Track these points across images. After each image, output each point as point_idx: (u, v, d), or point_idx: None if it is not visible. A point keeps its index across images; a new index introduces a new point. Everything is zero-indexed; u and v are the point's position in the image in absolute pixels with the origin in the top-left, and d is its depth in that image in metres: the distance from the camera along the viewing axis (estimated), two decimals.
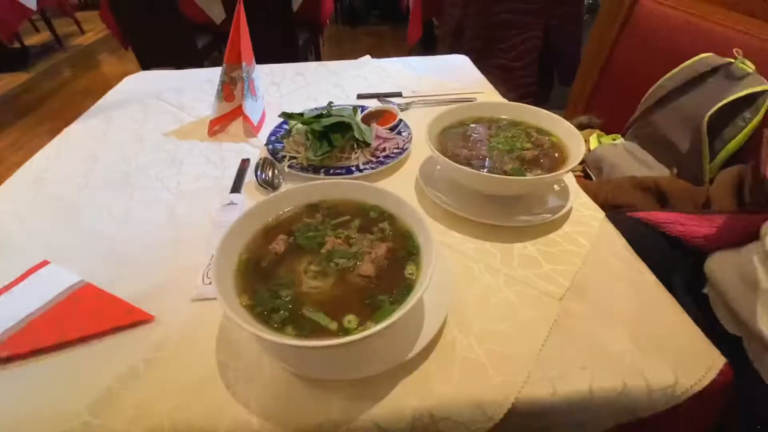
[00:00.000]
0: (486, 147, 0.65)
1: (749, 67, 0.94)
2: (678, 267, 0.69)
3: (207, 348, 0.46)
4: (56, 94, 3.19)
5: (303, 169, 0.71)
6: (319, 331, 0.38)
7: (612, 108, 1.38)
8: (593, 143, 1.27)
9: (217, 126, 0.88)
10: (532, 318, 0.49)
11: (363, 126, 0.75)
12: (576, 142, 0.62)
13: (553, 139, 0.66)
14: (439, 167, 0.70)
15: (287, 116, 0.75)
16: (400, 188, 0.69)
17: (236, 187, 0.70)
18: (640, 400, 0.42)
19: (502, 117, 0.72)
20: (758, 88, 0.91)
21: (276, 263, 0.45)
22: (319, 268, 0.44)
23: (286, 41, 2.25)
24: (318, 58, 2.81)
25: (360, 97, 1.01)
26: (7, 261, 0.58)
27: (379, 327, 0.35)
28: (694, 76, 1.05)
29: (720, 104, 0.95)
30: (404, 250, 0.46)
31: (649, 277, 0.54)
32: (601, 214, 0.64)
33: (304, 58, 2.51)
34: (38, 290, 0.53)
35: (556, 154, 0.63)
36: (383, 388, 0.42)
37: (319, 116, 0.74)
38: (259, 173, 0.71)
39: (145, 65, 2.30)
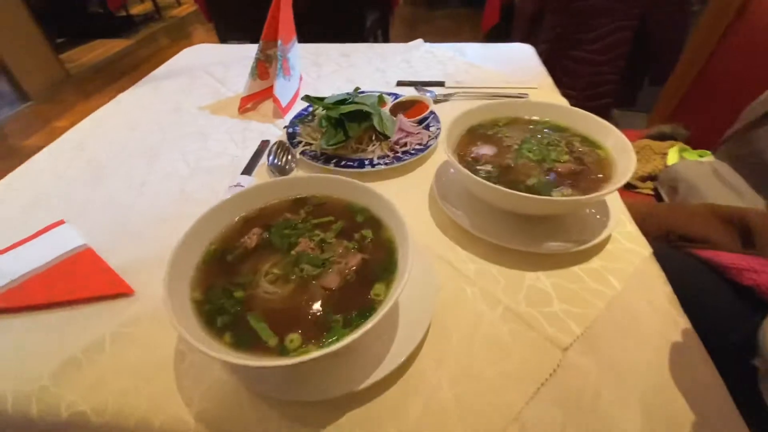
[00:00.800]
0: (514, 154, 0.56)
1: None
2: (741, 326, 0.55)
3: (173, 334, 0.45)
4: (151, 60, 3.51)
5: (314, 157, 0.67)
6: (257, 345, 0.35)
7: (705, 118, 1.16)
8: (672, 157, 1.08)
9: (250, 104, 0.87)
10: (524, 366, 0.41)
11: (386, 116, 0.69)
12: (626, 160, 0.50)
13: (600, 153, 0.55)
14: (453, 171, 0.62)
15: (309, 99, 0.71)
16: (414, 189, 0.63)
17: (248, 169, 0.68)
18: None
19: (545, 119, 0.62)
20: None
21: (242, 259, 0.42)
22: (282, 272, 0.40)
23: (353, 20, 2.21)
24: (386, 41, 2.74)
25: (400, 84, 0.94)
26: (34, 217, 0.62)
27: (316, 354, 0.31)
28: None
29: None
30: (380, 265, 0.41)
31: (691, 339, 0.43)
32: (647, 250, 0.52)
33: (373, 40, 2.46)
34: (45, 248, 0.56)
35: (600, 174, 0.52)
36: (326, 417, 0.37)
37: (341, 102, 0.70)
38: (271, 158, 0.68)
39: (223, 39, 2.42)
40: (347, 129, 0.65)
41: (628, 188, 1.10)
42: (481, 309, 0.46)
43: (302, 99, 0.73)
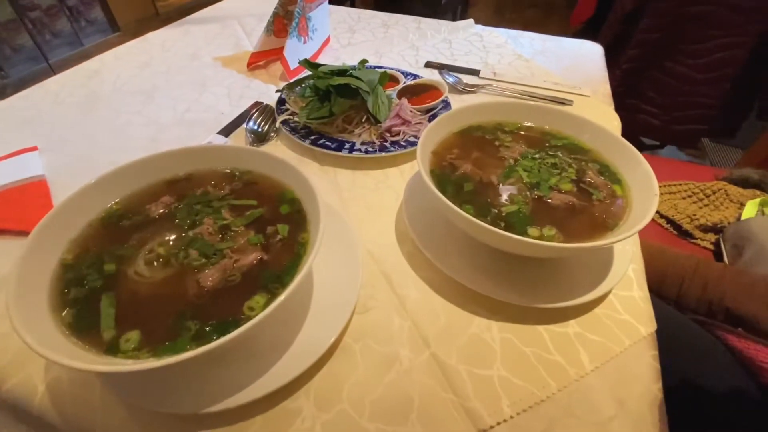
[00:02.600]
0: (503, 170, 0.44)
1: None
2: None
3: None
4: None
5: (293, 129, 0.60)
6: (90, 333, 0.29)
7: None
8: (750, 211, 0.87)
9: (262, 61, 0.82)
10: None
11: (383, 98, 0.60)
12: (646, 202, 0.38)
13: (617, 188, 0.42)
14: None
15: (306, 64, 0.64)
16: (389, 189, 0.54)
17: (225, 130, 0.63)
18: None
19: (565, 134, 0.49)
20: None
21: (136, 227, 0.37)
22: (165, 254, 0.35)
23: None
24: None
25: (428, 65, 0.83)
26: (27, 137, 0.62)
27: (136, 366, 0.25)
28: None
29: None
30: (275, 271, 0.34)
31: None
32: (648, 329, 0.39)
33: (451, 18, 2.30)
34: (6, 171, 0.55)
35: (604, 214, 0.40)
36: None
37: (341, 73, 0.61)
38: (251, 123, 0.63)
39: None
40: (333, 104, 0.57)
41: (682, 236, 0.91)
42: (400, 351, 0.37)
43: (299, 63, 0.66)
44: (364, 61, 0.67)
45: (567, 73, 0.82)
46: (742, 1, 1.33)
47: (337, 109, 0.57)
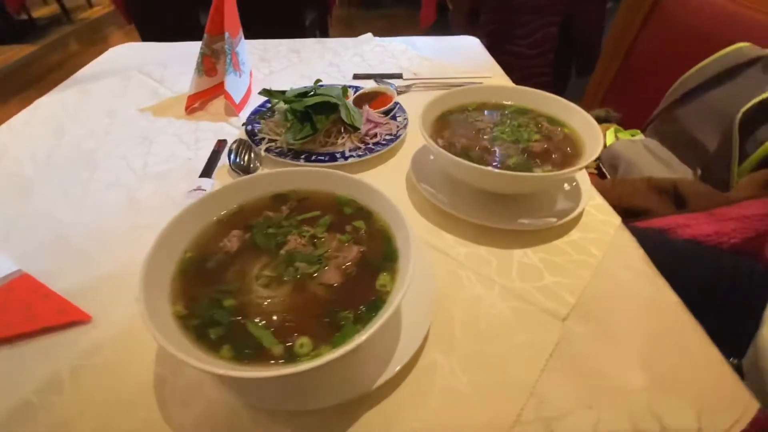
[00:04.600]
0: (489, 137, 0.56)
1: None
2: (699, 281, 0.60)
3: (145, 358, 0.40)
4: (61, 68, 3.14)
5: (281, 153, 0.63)
6: (262, 354, 0.31)
7: (632, 101, 1.28)
8: (610, 138, 1.17)
9: (197, 103, 0.80)
10: (529, 341, 0.41)
11: (352, 108, 0.67)
12: (593, 134, 0.53)
13: (566, 130, 0.57)
14: (432, 158, 0.62)
15: (268, 94, 0.67)
16: (389, 180, 0.62)
17: (207, 171, 0.63)
18: None
19: (510, 103, 0.64)
20: None
21: (224, 264, 0.38)
22: (275, 274, 0.37)
23: (291, 20, 2.15)
24: None
25: (356, 77, 0.92)
26: None
27: (333, 355, 0.28)
28: (727, 68, 0.94)
29: (756, 100, 0.85)
30: (379, 255, 0.39)
31: (670, 296, 0.46)
32: (618, 219, 0.55)
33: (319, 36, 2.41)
34: None
35: (569, 148, 0.54)
36: (342, 423, 0.35)
37: (304, 95, 0.66)
38: (232, 157, 0.63)
39: (147, 39, 2.22)
40: (315, 122, 0.62)
41: None
42: (478, 291, 0.46)
43: (260, 93, 0.68)
44: (318, 81, 0.72)
45: (464, 63, 1.00)
46: None
47: (320, 125, 0.62)
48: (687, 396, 0.37)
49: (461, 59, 1.02)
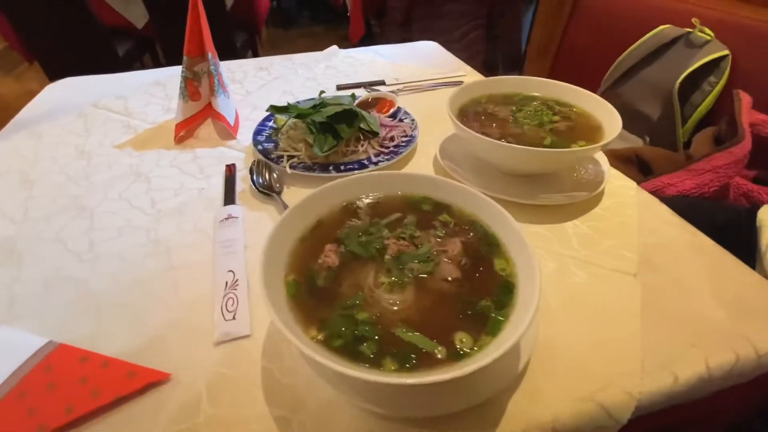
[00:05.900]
0: (513, 124, 0.59)
1: (708, 34, 1.00)
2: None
3: (254, 403, 0.36)
4: None
5: (308, 168, 0.61)
6: (425, 360, 0.30)
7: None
8: None
9: (183, 131, 0.74)
10: (616, 299, 0.44)
11: (368, 115, 0.66)
12: (605, 110, 0.59)
13: (576, 110, 0.63)
14: (463, 147, 0.63)
15: (277, 110, 0.64)
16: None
17: (229, 198, 0.58)
18: (749, 367, 0.39)
19: (516, 92, 0.68)
20: (720, 54, 0.97)
21: (335, 280, 0.36)
22: (392, 279, 0.36)
23: (222, 42, 2.06)
24: None
25: (340, 87, 0.92)
26: None
27: (510, 343, 0.28)
28: (655, 48, 1.10)
29: (687, 72, 1.00)
30: (481, 241, 0.39)
31: (704, 238, 0.52)
32: (633, 183, 0.61)
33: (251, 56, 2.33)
34: None
35: (588, 124, 0.59)
36: (495, 412, 0.34)
37: (315, 107, 0.65)
38: (255, 178, 0.59)
39: (55, 79, 1.98)
40: (338, 131, 0.61)
41: None
42: (553, 266, 0.48)
43: (267, 111, 0.65)
44: (322, 92, 0.71)
45: (434, 65, 1.04)
46: None
47: (344, 134, 0.61)
48: (759, 318, 0.42)
49: (430, 62, 1.06)
